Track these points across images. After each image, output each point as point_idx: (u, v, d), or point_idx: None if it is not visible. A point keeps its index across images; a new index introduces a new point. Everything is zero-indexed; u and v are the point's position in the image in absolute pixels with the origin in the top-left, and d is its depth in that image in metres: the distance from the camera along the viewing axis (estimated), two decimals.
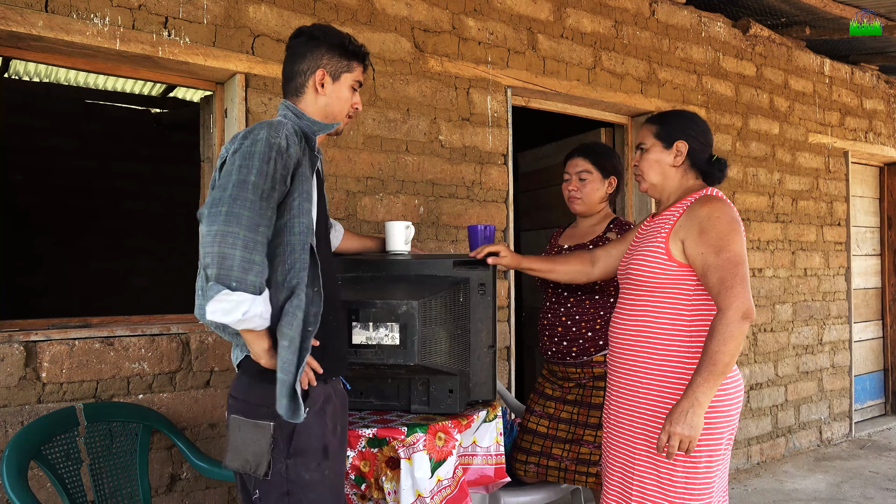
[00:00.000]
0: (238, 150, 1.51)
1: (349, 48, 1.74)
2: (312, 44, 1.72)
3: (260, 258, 1.44)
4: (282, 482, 1.55)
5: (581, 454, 2.41)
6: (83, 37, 2.27)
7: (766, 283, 4.51)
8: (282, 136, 1.53)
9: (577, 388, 2.44)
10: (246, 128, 1.59)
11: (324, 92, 1.72)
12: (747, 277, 1.69)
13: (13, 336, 2.19)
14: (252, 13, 2.61)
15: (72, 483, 2.06)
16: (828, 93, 4.96)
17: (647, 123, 2.00)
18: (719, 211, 1.77)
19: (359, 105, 1.79)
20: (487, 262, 2.14)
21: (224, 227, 1.41)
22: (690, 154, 1.92)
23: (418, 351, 1.85)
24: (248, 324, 1.44)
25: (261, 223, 1.45)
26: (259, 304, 1.43)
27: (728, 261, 1.70)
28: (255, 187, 1.46)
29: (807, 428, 4.79)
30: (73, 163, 5.98)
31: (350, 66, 1.74)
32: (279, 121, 1.59)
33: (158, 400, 2.40)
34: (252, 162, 1.47)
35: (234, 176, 1.46)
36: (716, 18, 4.26)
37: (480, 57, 3.21)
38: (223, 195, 1.44)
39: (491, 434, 2.17)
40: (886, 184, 5.68)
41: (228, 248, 1.40)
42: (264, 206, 1.47)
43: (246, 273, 1.41)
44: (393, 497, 1.89)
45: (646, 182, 1.97)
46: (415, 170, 3.01)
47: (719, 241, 1.73)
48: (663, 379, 1.82)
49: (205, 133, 2.79)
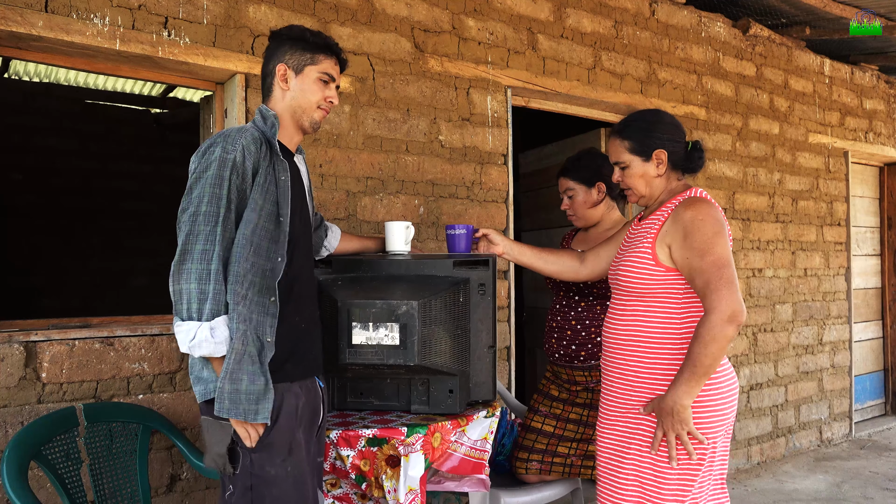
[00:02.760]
0: (194, 171, 1.58)
1: (310, 40, 1.74)
2: (275, 43, 1.76)
3: (213, 286, 1.52)
4: (247, 476, 1.58)
5: (589, 451, 2.42)
6: (83, 37, 2.27)
7: (766, 283, 4.51)
8: (238, 148, 1.58)
9: (585, 392, 2.45)
10: (210, 138, 1.63)
11: (287, 86, 1.74)
12: (734, 279, 1.68)
13: (13, 336, 2.19)
14: (252, 13, 2.61)
15: (72, 483, 2.06)
16: (828, 93, 4.96)
17: (617, 138, 1.93)
18: (703, 213, 1.77)
19: (333, 98, 1.78)
20: (480, 248, 2.20)
21: (179, 265, 1.53)
22: (670, 158, 1.91)
23: (418, 351, 1.85)
24: (199, 350, 1.52)
25: (214, 249, 1.53)
26: (204, 330, 1.50)
27: (712, 264, 1.70)
28: (207, 217, 1.54)
29: (807, 428, 4.79)
30: (72, 163, 5.99)
31: (314, 59, 1.74)
32: (239, 129, 1.63)
33: (158, 400, 2.40)
34: (204, 190, 1.55)
35: (190, 208, 1.55)
36: (716, 18, 4.26)
37: (480, 57, 3.21)
38: (181, 234, 1.54)
39: (482, 429, 2.15)
40: (886, 184, 5.68)
41: (184, 283, 1.52)
42: (219, 230, 1.54)
43: (200, 303, 1.51)
44: (393, 495, 1.89)
45: (635, 196, 1.97)
46: (415, 170, 3.01)
47: (703, 244, 1.73)
48: (654, 383, 1.82)
49: (205, 133, 2.79)
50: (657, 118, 1.95)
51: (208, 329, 1.51)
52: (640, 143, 1.90)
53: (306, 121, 1.77)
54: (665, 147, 1.90)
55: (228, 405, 1.52)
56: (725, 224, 1.78)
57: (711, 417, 1.77)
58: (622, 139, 1.93)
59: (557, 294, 2.52)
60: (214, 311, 1.52)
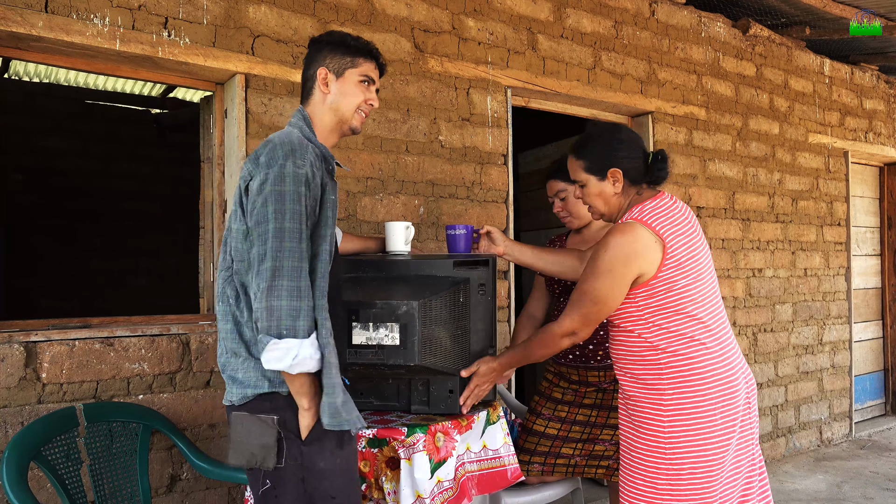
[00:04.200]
0: (265, 182, 1.54)
1: (351, 44, 1.76)
2: (316, 47, 1.78)
3: (306, 303, 1.51)
4: (297, 469, 1.58)
5: (595, 451, 2.42)
6: (83, 37, 2.27)
7: (766, 283, 4.51)
8: (307, 163, 1.57)
9: (596, 393, 2.44)
10: (264, 148, 1.60)
11: (328, 90, 1.75)
12: (591, 311, 1.82)
13: (13, 336, 2.19)
14: (252, 13, 2.61)
15: (72, 483, 2.06)
16: (828, 93, 4.96)
17: (574, 157, 1.96)
18: (612, 242, 1.79)
19: (373, 101, 1.80)
20: (480, 248, 2.21)
21: (270, 282, 1.49)
22: (626, 175, 1.90)
23: (418, 351, 1.85)
24: (301, 367, 1.51)
25: (302, 266, 1.52)
26: (307, 347, 1.50)
27: (585, 291, 1.83)
28: (292, 233, 1.52)
29: (807, 428, 4.79)
30: (73, 163, 5.99)
31: (354, 62, 1.76)
32: (299, 142, 1.60)
33: (158, 400, 2.40)
34: (284, 206, 1.52)
35: (270, 224, 1.51)
36: (716, 18, 4.26)
37: (480, 57, 3.21)
38: (264, 249, 1.51)
39: (499, 435, 2.17)
40: (886, 184, 5.68)
41: (275, 301, 1.48)
42: (304, 246, 1.54)
43: (294, 320, 1.49)
44: (393, 497, 1.89)
45: (596, 213, 1.99)
46: (415, 170, 3.01)
47: (593, 270, 1.82)
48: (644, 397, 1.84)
49: (205, 133, 2.79)
50: (612, 135, 1.95)
51: (311, 346, 1.51)
52: (595, 163, 1.91)
53: (346, 124, 1.78)
54: (620, 165, 1.89)
55: (344, 417, 1.55)
56: (631, 254, 1.77)
57: (701, 431, 1.77)
58: (578, 158, 1.95)
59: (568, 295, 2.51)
60: (310, 327, 1.52)
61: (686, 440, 1.76)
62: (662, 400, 1.78)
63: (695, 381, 1.77)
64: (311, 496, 1.59)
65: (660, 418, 1.78)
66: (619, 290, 1.80)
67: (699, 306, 1.80)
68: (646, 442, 1.81)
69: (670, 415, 1.77)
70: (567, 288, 2.50)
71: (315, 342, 1.52)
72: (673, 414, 1.77)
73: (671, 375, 1.78)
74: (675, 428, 1.77)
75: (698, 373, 1.77)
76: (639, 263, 1.77)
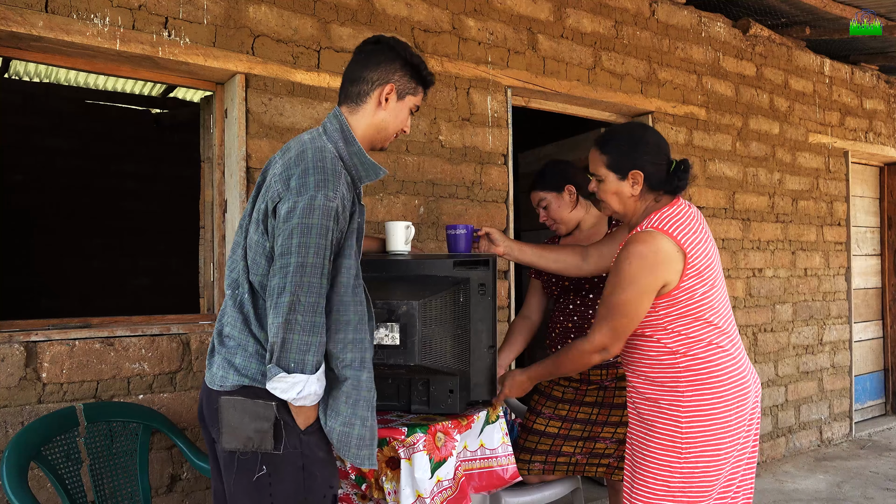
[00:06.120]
0: (292, 212, 1.52)
1: (422, 72, 1.76)
2: (391, 55, 1.72)
3: (318, 338, 1.52)
4: (297, 457, 1.59)
5: (595, 449, 2.42)
6: (83, 37, 2.27)
7: (766, 283, 4.51)
8: (339, 196, 1.56)
9: (597, 391, 2.44)
10: (297, 167, 1.57)
11: (386, 107, 1.72)
12: (620, 324, 1.81)
13: (13, 336, 2.19)
14: (252, 13, 2.60)
15: (72, 483, 2.06)
16: (828, 93, 4.96)
17: (597, 150, 1.91)
18: (634, 252, 1.77)
19: (407, 128, 1.81)
20: (480, 248, 2.22)
21: (286, 315, 1.49)
22: (647, 179, 1.86)
23: (418, 351, 1.85)
24: (302, 401, 1.53)
25: (319, 302, 1.53)
26: (313, 384, 1.52)
27: (613, 304, 1.81)
28: (314, 269, 1.51)
29: (807, 428, 4.79)
30: (73, 163, 5.98)
31: (416, 90, 1.77)
32: (332, 166, 1.58)
33: (159, 400, 2.40)
34: (310, 240, 1.51)
35: (293, 257, 1.50)
36: (716, 18, 4.26)
37: (480, 57, 3.21)
38: (284, 282, 1.50)
39: (497, 435, 2.17)
40: (886, 184, 5.68)
41: (289, 334, 1.49)
42: (324, 282, 1.54)
43: (303, 354, 1.50)
44: (393, 497, 1.89)
45: (608, 209, 1.95)
46: (415, 170, 3.01)
47: (616, 283, 1.80)
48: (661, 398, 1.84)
49: (205, 133, 2.79)
50: (638, 136, 1.90)
51: (317, 382, 1.53)
52: (618, 161, 1.87)
53: (381, 143, 1.79)
54: (644, 168, 1.85)
55: (353, 452, 1.60)
56: (654, 265, 1.75)
57: (708, 430, 1.77)
58: (601, 153, 1.90)
59: (567, 296, 2.51)
60: (319, 362, 1.53)
61: (702, 440, 1.77)
62: (681, 401, 1.78)
63: (712, 382, 1.78)
64: (310, 485, 1.59)
65: (677, 419, 1.78)
66: (647, 299, 1.78)
67: (715, 312, 1.81)
68: (662, 442, 1.81)
69: (688, 416, 1.77)
70: (565, 289, 2.50)
71: (322, 378, 1.55)
72: (691, 414, 1.77)
73: (690, 378, 1.79)
74: (692, 429, 1.77)
75: (716, 375, 1.78)
76: (663, 274, 1.75)
